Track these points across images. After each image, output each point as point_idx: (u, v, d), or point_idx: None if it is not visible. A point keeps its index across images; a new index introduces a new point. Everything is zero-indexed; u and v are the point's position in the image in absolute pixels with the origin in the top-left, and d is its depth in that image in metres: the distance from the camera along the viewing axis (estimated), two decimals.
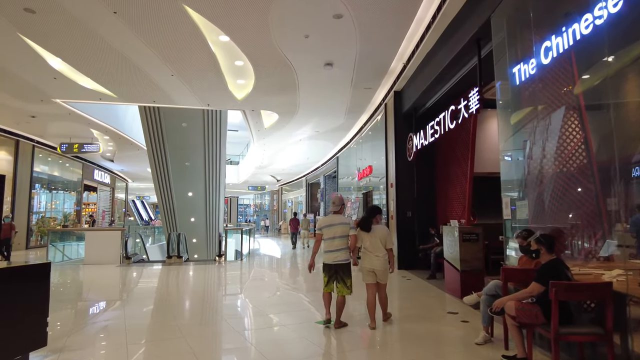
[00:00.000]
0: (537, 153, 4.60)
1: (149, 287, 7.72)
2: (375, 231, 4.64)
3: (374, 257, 4.56)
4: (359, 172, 14.13)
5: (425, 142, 7.69)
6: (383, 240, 4.61)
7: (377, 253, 4.56)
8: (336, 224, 4.58)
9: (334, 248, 4.55)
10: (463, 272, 5.98)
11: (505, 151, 5.02)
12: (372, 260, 4.56)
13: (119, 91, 10.07)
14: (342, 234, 4.56)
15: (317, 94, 10.29)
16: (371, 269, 4.56)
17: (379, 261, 4.55)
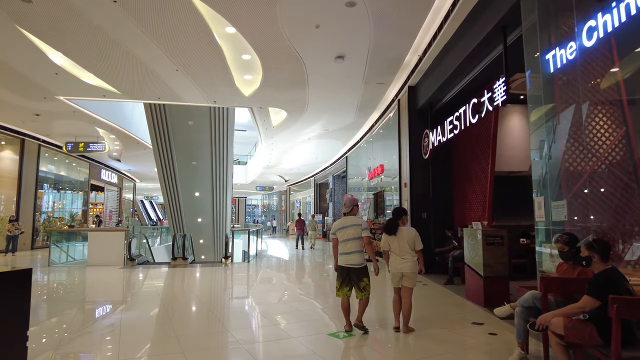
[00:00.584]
0: (573, 148, 4.14)
1: (150, 292, 7.38)
2: (402, 233, 4.50)
3: (401, 260, 4.42)
4: (369, 172, 13.70)
5: (443, 138, 7.24)
6: (411, 242, 4.47)
7: (404, 256, 4.43)
8: (348, 225, 4.44)
9: (347, 250, 4.41)
10: (486, 279, 5.52)
11: (537, 147, 4.56)
12: (399, 264, 4.42)
13: (123, 88, 9.77)
14: (355, 235, 4.40)
15: (327, 90, 9.89)
16: (399, 272, 4.42)
17: (407, 264, 4.40)
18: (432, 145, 7.90)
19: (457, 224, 8.71)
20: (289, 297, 6.68)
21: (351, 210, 4.54)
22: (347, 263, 4.37)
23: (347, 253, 4.38)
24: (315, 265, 11.34)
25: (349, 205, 4.55)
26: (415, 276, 4.46)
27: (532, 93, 4.58)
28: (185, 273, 9.31)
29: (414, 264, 4.42)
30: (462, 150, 8.55)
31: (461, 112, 6.40)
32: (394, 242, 4.48)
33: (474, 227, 5.85)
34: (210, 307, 5.85)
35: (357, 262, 4.36)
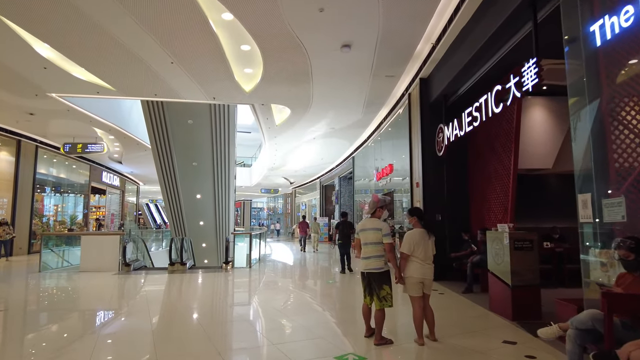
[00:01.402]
0: (624, 137, 3.49)
1: (139, 303, 6.76)
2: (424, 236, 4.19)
3: (425, 265, 4.08)
4: (377, 172, 13.05)
5: (461, 132, 6.58)
6: (431, 245, 4.20)
7: (427, 261, 4.11)
8: (367, 229, 4.18)
9: (365, 255, 4.17)
10: (515, 288, 4.84)
11: (579, 136, 3.90)
12: (423, 269, 4.07)
13: (117, 83, 9.24)
14: (374, 240, 4.10)
15: (333, 84, 9.28)
16: (422, 279, 4.07)
17: (430, 269, 4.13)
18: (448, 140, 7.24)
19: (474, 226, 8.04)
20: (291, 309, 6.04)
21: (374, 212, 4.26)
22: (366, 268, 4.12)
23: (366, 258, 4.14)
24: (321, 271, 10.70)
25: (371, 207, 4.28)
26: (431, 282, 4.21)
27: (573, 73, 3.92)
28: (181, 280, 8.71)
29: (432, 270, 4.19)
30: (479, 147, 7.88)
31: (482, 102, 5.74)
32: (420, 247, 4.09)
33: (499, 229, 5.19)
34: (201, 322, 5.23)
35: (375, 266, 4.06)
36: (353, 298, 6.75)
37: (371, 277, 4.10)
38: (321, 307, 6.15)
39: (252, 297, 7.03)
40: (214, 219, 16.19)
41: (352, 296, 6.93)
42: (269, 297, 6.94)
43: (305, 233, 16.85)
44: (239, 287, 8.10)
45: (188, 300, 6.62)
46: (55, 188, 18.00)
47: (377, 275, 4.06)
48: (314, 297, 7.01)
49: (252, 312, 5.79)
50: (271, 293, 7.32)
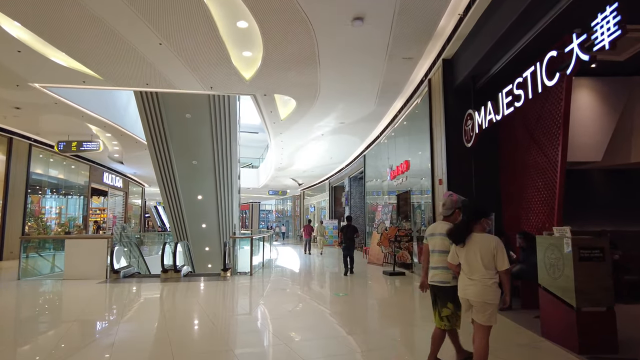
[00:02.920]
0: None
1: (108, 322, 5.79)
2: (475, 243, 3.07)
3: (467, 280, 3.09)
4: (391, 170, 11.95)
5: (497, 116, 5.47)
6: (486, 255, 3.02)
7: (471, 275, 3.06)
8: (437, 234, 3.50)
9: (433, 264, 3.51)
10: (582, 312, 3.72)
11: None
12: (464, 286, 3.10)
13: (102, 70, 8.32)
14: (442, 248, 3.41)
15: (343, 69, 8.23)
16: (464, 298, 3.13)
17: (473, 288, 3.03)
18: (479, 128, 6.13)
19: (507, 229, 6.90)
20: (295, 335, 4.98)
21: (452, 213, 3.52)
22: (432, 280, 3.49)
23: (433, 268, 3.49)
24: (329, 280, 9.62)
25: (449, 207, 3.54)
26: (489, 308, 2.99)
27: None
28: (174, 290, 7.72)
29: (486, 289, 2.97)
30: (514, 136, 6.75)
31: (527, 76, 4.63)
32: (462, 255, 3.14)
33: (555, 233, 4.07)
34: (176, 354, 4.19)
35: (440, 279, 3.40)
36: (374, 322, 5.67)
37: (437, 291, 3.46)
38: (327, 331, 5.06)
39: (249, 315, 5.98)
40: (216, 222, 15.27)
41: (372, 319, 5.84)
42: (269, 316, 5.89)
43: (309, 236, 16.97)
44: (235, 301, 7.07)
45: (177, 319, 5.60)
46: (52, 189, 17.26)
47: (442, 290, 3.39)
48: (320, 316, 5.93)
49: (245, 341, 4.74)
50: (271, 310, 6.26)
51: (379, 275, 9.69)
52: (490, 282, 2.96)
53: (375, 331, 4.81)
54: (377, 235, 11.60)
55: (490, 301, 2.94)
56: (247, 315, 5.72)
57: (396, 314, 5.84)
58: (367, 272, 10.60)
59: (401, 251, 9.63)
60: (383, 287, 8.33)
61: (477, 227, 3.12)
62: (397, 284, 8.44)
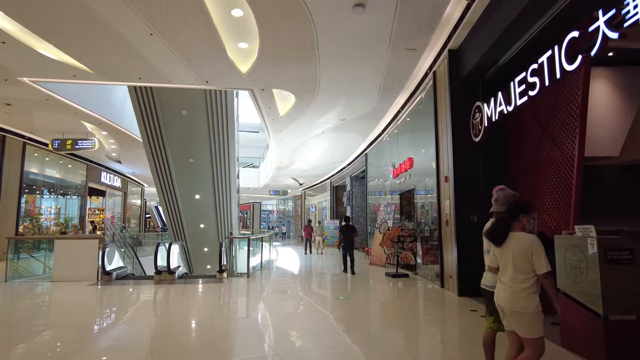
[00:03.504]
0: None
1: (91, 330, 5.43)
2: (509, 243, 2.72)
3: (499, 284, 2.78)
4: (394, 169, 11.57)
5: (509, 107, 5.09)
6: (519, 257, 2.64)
7: (503, 278, 2.74)
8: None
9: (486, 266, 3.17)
10: (609, 320, 3.34)
11: None
12: (497, 290, 2.80)
13: (93, 63, 7.97)
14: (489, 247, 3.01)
15: (343, 61, 7.86)
16: (497, 303, 2.79)
17: (503, 293, 2.70)
18: (488, 121, 5.75)
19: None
20: (293, 346, 4.61)
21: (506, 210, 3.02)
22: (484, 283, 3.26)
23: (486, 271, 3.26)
24: (329, 282, 9.24)
25: (502, 202, 3.17)
26: (522, 318, 2.61)
27: None
28: (163, 294, 7.37)
29: (514, 295, 2.62)
30: (524, 130, 6.36)
31: (543, 62, 4.24)
32: (498, 257, 2.82)
33: (577, 232, 3.69)
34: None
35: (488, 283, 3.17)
36: (379, 329, 5.29)
37: (486, 294, 3.24)
38: (331, 342, 4.69)
39: (243, 322, 5.61)
40: (215, 222, 14.93)
41: (376, 326, 5.46)
42: (265, 322, 5.51)
43: (310, 236, 17.06)
44: (225, 306, 6.70)
45: (164, 327, 5.23)
46: (49, 189, 16.94)
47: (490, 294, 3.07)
48: (322, 322, 5.55)
49: (231, 353, 4.37)
50: (268, 316, 5.89)
51: (381, 276, 9.31)
52: (520, 288, 2.60)
53: (380, 339, 4.43)
54: (379, 235, 11.21)
55: (520, 309, 2.58)
56: (240, 322, 5.34)
57: (401, 320, 5.46)
58: (369, 273, 10.21)
59: (404, 252, 9.24)
60: (386, 289, 7.95)
61: (516, 225, 2.75)
62: (401, 286, 8.06)
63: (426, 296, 7.14)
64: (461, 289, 6.55)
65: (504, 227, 2.75)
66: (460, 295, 6.50)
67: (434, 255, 8.57)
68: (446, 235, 7.18)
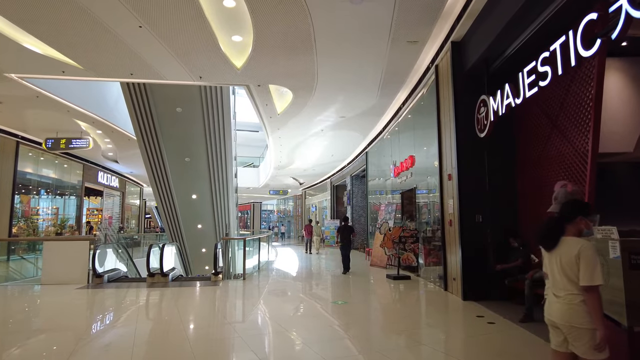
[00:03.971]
0: None
1: (71, 337, 5.12)
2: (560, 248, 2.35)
3: (551, 296, 2.40)
4: (395, 167, 11.25)
5: (517, 100, 4.76)
6: (568, 265, 2.28)
7: (555, 290, 2.37)
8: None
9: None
10: (635, 332, 3.01)
11: None
12: (548, 303, 2.43)
13: (81, 58, 7.67)
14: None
15: (342, 54, 7.54)
16: (548, 318, 2.42)
17: (557, 306, 2.33)
18: (495, 115, 5.42)
19: (525, 229, 6.19)
20: (286, 356, 4.29)
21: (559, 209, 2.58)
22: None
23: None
24: (327, 285, 8.93)
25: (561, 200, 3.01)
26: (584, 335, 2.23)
27: None
28: (154, 297, 7.07)
29: (571, 309, 2.26)
30: (532, 124, 6.03)
31: (556, 48, 3.91)
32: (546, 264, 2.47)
33: (596, 234, 3.36)
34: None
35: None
36: (381, 339, 4.97)
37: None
38: (333, 354, 4.37)
39: (228, 333, 5.30)
40: (213, 222, 14.65)
41: (378, 333, 5.14)
42: (257, 332, 5.20)
43: (310, 236, 17.28)
44: (217, 312, 6.40)
45: (132, 336, 4.93)
46: (44, 189, 16.67)
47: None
48: (322, 328, 5.23)
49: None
50: (261, 324, 5.58)
51: (382, 278, 8.99)
52: (578, 300, 2.24)
53: (380, 349, 4.11)
54: (380, 235, 10.89)
55: (580, 325, 2.22)
56: (228, 328, 5.03)
57: (403, 327, 5.13)
58: (370, 275, 9.90)
59: (406, 253, 8.92)
60: (387, 292, 7.63)
61: (570, 228, 2.37)
62: (402, 289, 7.74)
63: (429, 300, 6.82)
64: (466, 292, 6.22)
65: (556, 229, 2.38)
66: (465, 299, 6.17)
67: (436, 256, 8.25)
68: (450, 236, 6.85)
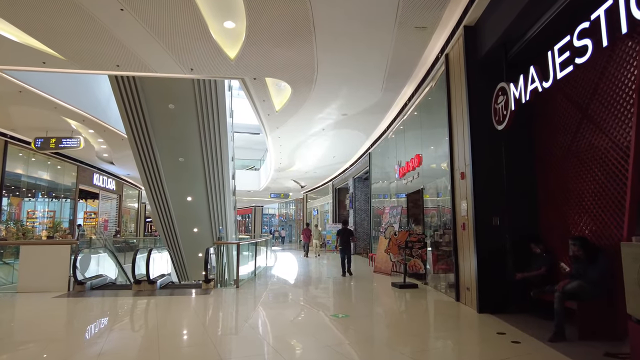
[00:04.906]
0: None
1: (30, 356, 4.48)
2: None
3: None
4: (400, 167, 10.60)
5: (546, 83, 4.12)
6: None
7: None
8: None
9: None
10: None
11: None
12: None
13: (65, 48, 7.11)
14: None
15: (343, 42, 6.93)
16: None
17: None
18: (515, 103, 4.78)
19: (547, 234, 5.53)
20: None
21: None
22: None
23: None
24: (327, 293, 8.28)
25: None
26: None
27: None
28: (135, 308, 6.44)
29: None
30: (556, 114, 5.38)
31: (599, 15, 3.27)
32: None
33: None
34: None
35: None
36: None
37: None
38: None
39: (210, 355, 4.65)
40: (209, 226, 14.06)
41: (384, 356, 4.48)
42: (243, 354, 4.55)
43: (308, 239, 17.41)
44: (203, 326, 5.75)
45: (96, 358, 4.29)
46: (36, 191, 16.13)
47: None
48: (318, 351, 4.57)
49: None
50: (249, 343, 4.93)
51: (386, 287, 8.33)
52: None
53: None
54: (384, 240, 10.23)
55: None
56: (212, 350, 4.38)
57: (412, 347, 4.47)
58: (373, 283, 9.23)
59: (413, 259, 8.25)
60: (393, 304, 6.96)
61: None
62: (409, 299, 7.07)
63: (441, 313, 6.13)
64: (482, 304, 5.55)
65: None
66: (481, 311, 5.50)
67: (446, 262, 7.59)
68: (462, 241, 6.19)
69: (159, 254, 11.69)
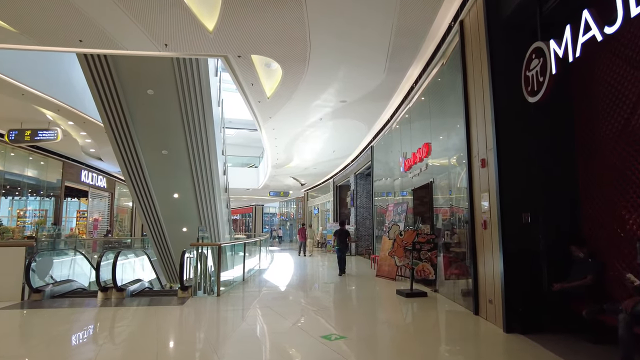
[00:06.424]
0: None
1: None
2: None
3: None
4: (405, 160, 9.50)
5: (610, 28, 3.01)
6: None
7: None
8: None
9: None
10: None
11: None
12: None
13: (14, 18, 6.07)
14: None
15: (339, 9, 5.85)
16: None
17: None
18: (557, 66, 3.69)
19: (592, 235, 4.43)
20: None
21: None
22: None
23: None
24: (321, 303, 7.20)
25: None
26: None
27: None
28: (92, 323, 5.39)
29: None
30: (606, 85, 4.26)
31: None
32: None
33: None
34: None
35: None
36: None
37: None
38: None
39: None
40: (199, 225, 13.03)
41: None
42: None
43: (304, 239, 17.42)
44: (165, 351, 4.69)
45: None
46: (17, 187, 15.17)
47: None
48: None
49: None
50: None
51: (391, 295, 7.25)
52: None
53: None
54: (388, 241, 9.15)
55: None
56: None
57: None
58: (376, 289, 8.16)
59: (421, 263, 7.16)
60: (399, 319, 5.83)
61: None
62: (418, 312, 5.98)
63: (459, 332, 4.96)
64: (510, 320, 4.45)
65: None
66: (509, 331, 4.41)
67: (459, 267, 6.52)
68: (482, 242, 5.10)
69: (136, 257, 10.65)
